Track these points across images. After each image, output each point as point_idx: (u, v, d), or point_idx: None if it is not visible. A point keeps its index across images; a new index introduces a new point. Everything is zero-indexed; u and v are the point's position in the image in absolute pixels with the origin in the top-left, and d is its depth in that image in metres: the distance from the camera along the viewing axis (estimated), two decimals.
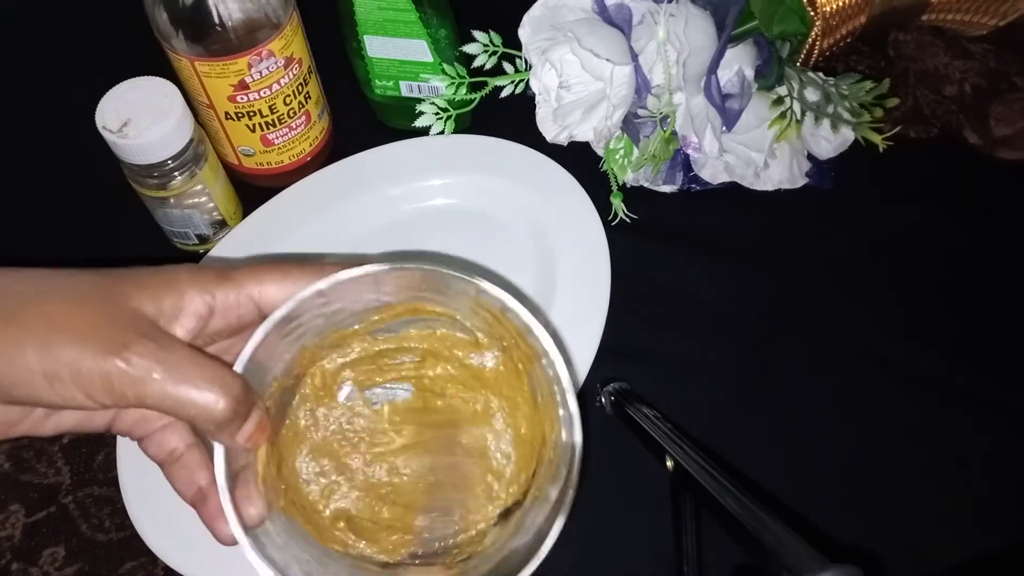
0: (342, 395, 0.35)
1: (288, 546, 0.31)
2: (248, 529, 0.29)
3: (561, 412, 0.31)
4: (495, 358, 0.34)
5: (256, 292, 0.31)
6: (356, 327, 0.34)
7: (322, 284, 0.30)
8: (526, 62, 0.51)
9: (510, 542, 0.32)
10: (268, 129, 0.52)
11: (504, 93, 0.51)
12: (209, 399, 0.28)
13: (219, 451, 0.29)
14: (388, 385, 0.36)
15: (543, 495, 0.32)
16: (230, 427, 0.29)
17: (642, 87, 0.49)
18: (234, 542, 0.29)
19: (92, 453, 0.48)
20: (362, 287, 0.31)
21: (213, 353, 0.31)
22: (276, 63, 0.49)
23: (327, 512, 0.34)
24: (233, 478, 0.29)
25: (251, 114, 0.51)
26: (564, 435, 0.31)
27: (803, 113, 0.51)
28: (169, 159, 0.47)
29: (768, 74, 0.50)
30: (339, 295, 0.31)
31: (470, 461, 0.35)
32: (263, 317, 0.31)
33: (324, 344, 0.33)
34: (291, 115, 0.52)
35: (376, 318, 0.33)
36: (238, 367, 0.30)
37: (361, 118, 0.59)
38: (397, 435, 0.35)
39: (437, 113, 0.52)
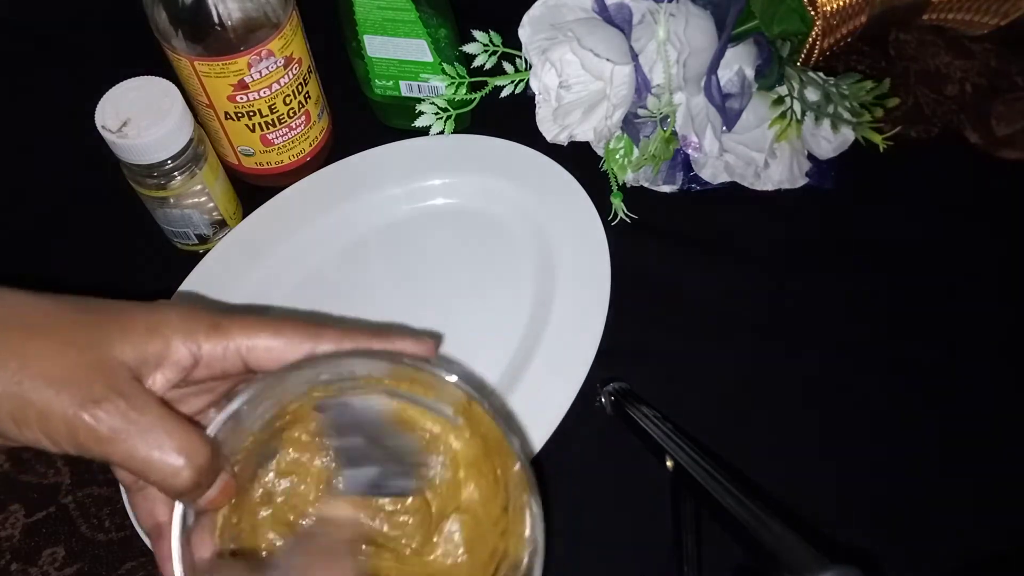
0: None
1: None
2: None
3: (527, 532, 0.31)
4: (465, 441, 0.34)
5: (244, 347, 0.30)
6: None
7: (319, 363, 0.30)
8: (526, 62, 0.51)
9: None
10: (268, 129, 0.52)
11: (504, 93, 0.51)
12: (174, 467, 0.28)
13: (179, 508, 0.29)
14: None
15: None
16: (191, 495, 0.29)
17: (642, 87, 0.49)
18: None
19: None
20: (353, 363, 0.31)
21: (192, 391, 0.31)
22: (276, 63, 0.49)
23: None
24: (189, 523, 0.29)
25: (251, 114, 0.51)
26: (526, 559, 0.31)
27: (803, 113, 0.51)
28: (169, 159, 0.47)
29: (768, 74, 0.50)
30: (329, 368, 0.31)
31: (425, 554, 0.35)
32: (248, 370, 0.30)
33: (303, 402, 0.33)
34: (291, 115, 0.52)
35: (358, 386, 0.33)
36: (212, 430, 0.29)
37: (361, 118, 0.59)
38: (359, 511, 0.35)
39: (437, 113, 0.52)
